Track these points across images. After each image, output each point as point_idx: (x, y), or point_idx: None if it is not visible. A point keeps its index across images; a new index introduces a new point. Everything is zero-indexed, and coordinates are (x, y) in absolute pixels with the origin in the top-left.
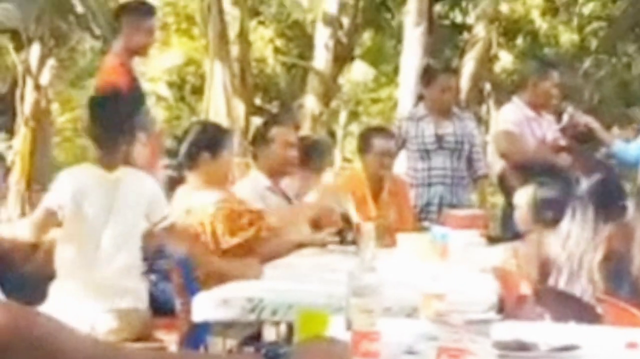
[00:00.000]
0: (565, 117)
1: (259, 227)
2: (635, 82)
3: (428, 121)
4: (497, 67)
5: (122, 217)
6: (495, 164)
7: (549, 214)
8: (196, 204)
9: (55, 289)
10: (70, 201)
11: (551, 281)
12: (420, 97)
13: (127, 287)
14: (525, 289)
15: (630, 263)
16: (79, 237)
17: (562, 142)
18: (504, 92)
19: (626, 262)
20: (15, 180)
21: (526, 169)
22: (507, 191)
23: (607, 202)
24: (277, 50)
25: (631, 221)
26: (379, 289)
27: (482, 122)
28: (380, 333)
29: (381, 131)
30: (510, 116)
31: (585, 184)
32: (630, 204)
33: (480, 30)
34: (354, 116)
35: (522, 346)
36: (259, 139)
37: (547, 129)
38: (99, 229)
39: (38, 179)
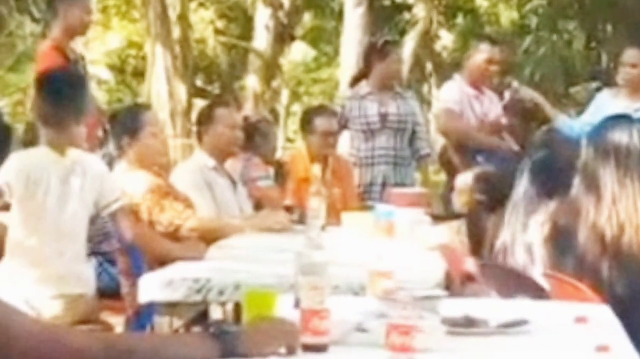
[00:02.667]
0: (507, 94)
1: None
2: (575, 58)
3: (371, 99)
4: (438, 46)
5: (76, 201)
6: (437, 143)
7: (490, 192)
8: (129, 187)
9: (1, 271)
10: (21, 184)
11: (496, 258)
12: (356, 78)
13: (74, 273)
14: (471, 266)
15: (576, 238)
16: (27, 221)
17: (504, 120)
18: (445, 71)
19: (571, 237)
20: None
21: (467, 147)
22: (448, 169)
23: (551, 178)
24: (217, 31)
25: (575, 196)
26: (327, 267)
27: (424, 101)
28: (330, 310)
29: (324, 110)
30: (451, 94)
31: (528, 160)
32: (574, 180)
33: (420, 9)
34: (295, 96)
35: (471, 323)
36: (203, 121)
37: (489, 106)
38: (51, 214)
39: None
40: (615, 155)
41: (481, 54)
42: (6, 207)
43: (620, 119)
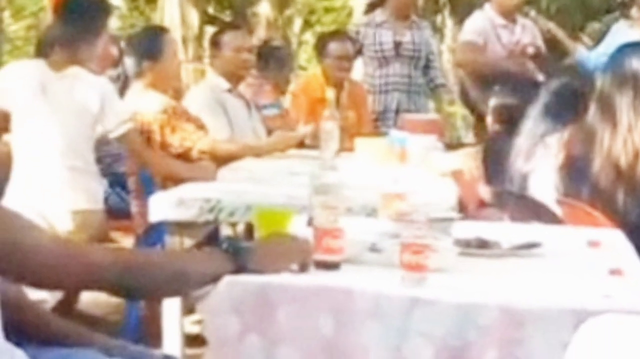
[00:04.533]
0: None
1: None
2: None
3: (387, 27)
4: None
5: (75, 117)
6: (449, 73)
7: (507, 121)
8: (142, 108)
9: (11, 188)
10: (20, 96)
11: (511, 185)
12: (372, 5)
13: (82, 187)
14: (485, 192)
15: (590, 165)
16: (30, 135)
17: (531, 50)
18: (459, 2)
19: (586, 164)
20: None
21: (484, 79)
22: (466, 100)
23: (568, 105)
24: None
25: (590, 123)
26: (341, 188)
27: (437, 31)
28: (343, 229)
29: (339, 35)
30: (473, 26)
31: (546, 88)
32: (590, 107)
33: None
34: (307, 25)
35: (483, 244)
36: (214, 44)
37: (522, 34)
38: (51, 127)
39: None
40: (633, 82)
41: None
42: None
43: (637, 47)
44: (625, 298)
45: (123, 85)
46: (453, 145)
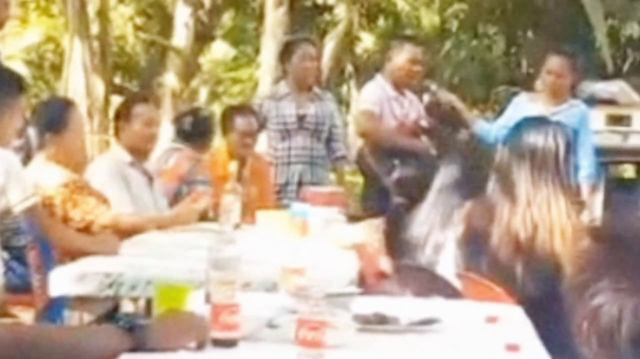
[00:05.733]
0: (426, 97)
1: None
2: (496, 63)
3: (289, 99)
4: (359, 49)
5: None
6: (355, 144)
7: (408, 194)
8: (44, 181)
9: None
10: None
11: (412, 258)
12: (279, 79)
13: None
14: (386, 265)
15: (489, 239)
16: None
17: (424, 123)
18: (365, 73)
19: (485, 238)
20: None
21: (385, 150)
22: (365, 171)
23: (466, 180)
24: (137, 28)
25: (490, 197)
26: (238, 262)
27: (343, 103)
28: (240, 305)
29: (243, 109)
30: (371, 96)
31: (445, 163)
32: (489, 182)
33: (341, 11)
34: (215, 95)
35: (382, 320)
36: (121, 116)
37: (410, 108)
38: None
39: None
40: (531, 156)
41: (404, 54)
42: None
43: (537, 121)
44: None
45: (26, 155)
46: (355, 216)
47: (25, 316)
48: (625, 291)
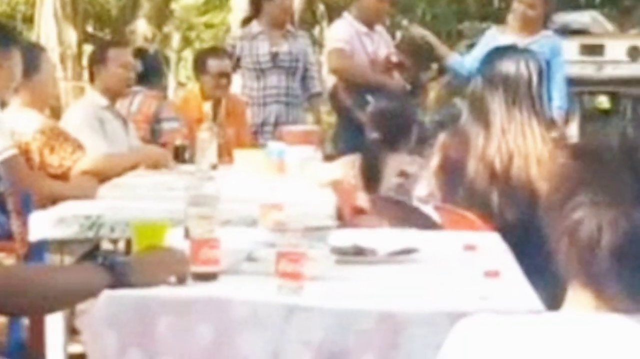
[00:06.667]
0: (399, 33)
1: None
2: None
3: (262, 39)
4: None
5: None
6: (328, 84)
7: (384, 128)
8: (20, 127)
9: None
10: None
11: (395, 192)
12: (247, 19)
13: None
14: (363, 200)
15: (465, 169)
16: None
17: (395, 58)
18: (337, 13)
19: (461, 168)
20: None
21: (357, 86)
22: (339, 108)
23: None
24: None
25: (464, 127)
26: (217, 199)
27: (316, 43)
28: (220, 240)
29: (217, 51)
30: (340, 34)
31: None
32: (464, 111)
33: None
34: (187, 41)
35: (360, 251)
36: (96, 60)
37: (379, 44)
38: None
39: None
40: (504, 85)
41: None
42: None
43: (508, 50)
44: (501, 299)
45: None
46: (331, 155)
47: (7, 262)
48: (603, 204)
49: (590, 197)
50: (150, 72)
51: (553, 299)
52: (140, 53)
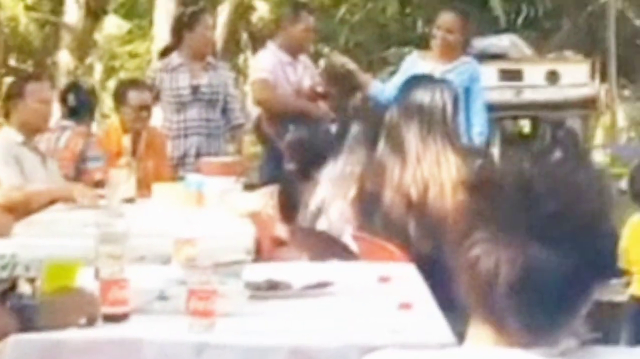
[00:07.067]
0: (322, 62)
1: None
2: (391, 24)
3: (183, 71)
4: (254, 17)
5: None
6: (253, 114)
7: (302, 158)
8: None
9: None
10: None
11: (310, 222)
12: (166, 50)
13: None
14: (282, 231)
15: (382, 198)
16: None
17: (320, 88)
18: (261, 42)
19: (378, 198)
20: None
21: (281, 117)
22: (262, 139)
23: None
24: (28, 7)
25: (381, 156)
26: (127, 236)
27: (241, 72)
28: (129, 279)
29: (137, 83)
30: (264, 63)
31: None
32: (380, 141)
33: None
34: (112, 71)
35: (274, 286)
36: (13, 95)
37: (304, 73)
38: None
39: None
40: (419, 114)
41: (299, 23)
42: None
43: (423, 79)
44: (412, 332)
45: None
46: (255, 185)
47: None
48: (501, 241)
49: (488, 234)
50: (82, 107)
51: (464, 333)
52: (73, 87)
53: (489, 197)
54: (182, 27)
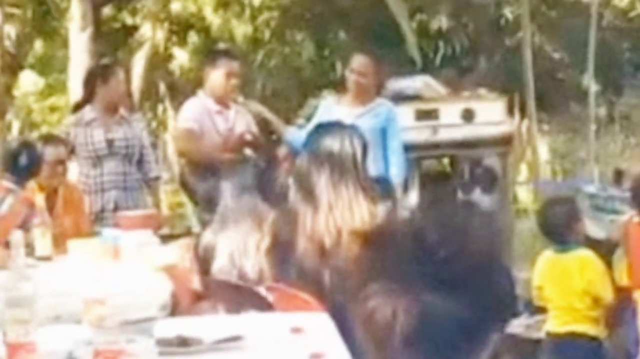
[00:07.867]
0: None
1: None
2: (306, 68)
3: (97, 125)
4: (174, 66)
5: None
6: (175, 164)
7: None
8: None
9: None
10: None
11: (220, 272)
12: (79, 104)
13: None
14: (197, 284)
15: (295, 247)
16: None
17: (248, 137)
18: (180, 90)
19: (291, 247)
20: None
21: (206, 167)
22: (185, 189)
23: (270, 189)
24: None
25: (293, 204)
26: (34, 299)
27: (160, 122)
28: (36, 343)
29: (51, 139)
30: (189, 113)
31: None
32: (291, 190)
33: (147, 30)
34: (34, 125)
35: (184, 342)
36: None
37: (236, 121)
38: None
39: None
40: (329, 162)
41: (220, 69)
42: None
43: (332, 126)
44: None
45: None
46: (174, 235)
47: None
48: (396, 292)
49: (383, 285)
50: (33, 168)
51: None
52: (26, 146)
53: (381, 248)
54: (94, 80)
